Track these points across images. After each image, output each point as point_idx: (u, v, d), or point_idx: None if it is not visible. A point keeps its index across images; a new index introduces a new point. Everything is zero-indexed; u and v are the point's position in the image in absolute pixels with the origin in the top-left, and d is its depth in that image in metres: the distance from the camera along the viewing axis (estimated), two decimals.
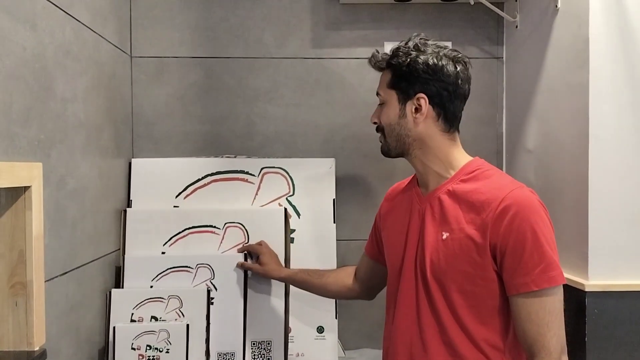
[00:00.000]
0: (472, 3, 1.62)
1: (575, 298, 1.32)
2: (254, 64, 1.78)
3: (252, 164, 1.68)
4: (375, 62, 1.21)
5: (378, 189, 1.78)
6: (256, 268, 1.52)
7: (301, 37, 1.79)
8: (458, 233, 1.08)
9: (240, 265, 1.54)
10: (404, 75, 1.14)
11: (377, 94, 1.21)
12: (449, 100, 1.14)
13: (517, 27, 1.73)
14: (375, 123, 1.22)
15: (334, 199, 1.68)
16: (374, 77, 1.79)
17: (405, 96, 1.14)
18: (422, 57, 1.13)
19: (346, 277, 1.43)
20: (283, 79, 1.79)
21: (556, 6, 1.48)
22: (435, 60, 1.12)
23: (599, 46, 1.32)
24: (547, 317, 1.01)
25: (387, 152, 1.21)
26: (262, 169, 1.68)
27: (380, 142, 1.22)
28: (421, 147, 1.16)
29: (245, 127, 1.78)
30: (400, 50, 1.16)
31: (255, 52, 1.78)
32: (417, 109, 1.14)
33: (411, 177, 1.27)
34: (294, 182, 1.68)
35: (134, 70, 1.75)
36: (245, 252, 1.57)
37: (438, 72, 1.12)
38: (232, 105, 1.78)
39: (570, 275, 1.36)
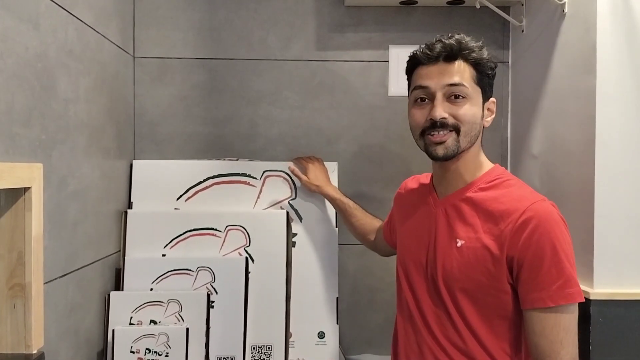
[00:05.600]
0: (478, 7, 1.60)
1: (580, 306, 1.29)
2: (258, 65, 1.77)
3: (254, 167, 1.67)
4: (446, 49, 1.07)
5: (381, 193, 1.77)
6: (303, 179, 1.60)
7: (305, 39, 1.78)
8: (474, 242, 1.05)
9: (290, 170, 1.64)
10: (487, 75, 1.10)
11: (456, 84, 1.05)
12: None
13: (523, 31, 1.72)
14: (444, 119, 1.06)
15: None
16: (378, 81, 1.81)
17: (485, 97, 1.11)
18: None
19: (370, 233, 1.50)
20: (287, 81, 1.78)
21: (563, 11, 1.46)
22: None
23: (606, 51, 1.31)
24: (562, 334, 0.99)
25: (452, 154, 1.08)
26: (264, 172, 1.67)
27: (437, 142, 1.07)
28: (470, 151, 1.11)
29: (248, 129, 1.77)
30: (476, 47, 1.09)
31: (259, 53, 1.77)
32: (489, 112, 1.13)
33: (429, 174, 1.24)
34: (296, 186, 1.67)
35: (137, 71, 1.74)
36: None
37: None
38: (235, 107, 1.77)
39: None
